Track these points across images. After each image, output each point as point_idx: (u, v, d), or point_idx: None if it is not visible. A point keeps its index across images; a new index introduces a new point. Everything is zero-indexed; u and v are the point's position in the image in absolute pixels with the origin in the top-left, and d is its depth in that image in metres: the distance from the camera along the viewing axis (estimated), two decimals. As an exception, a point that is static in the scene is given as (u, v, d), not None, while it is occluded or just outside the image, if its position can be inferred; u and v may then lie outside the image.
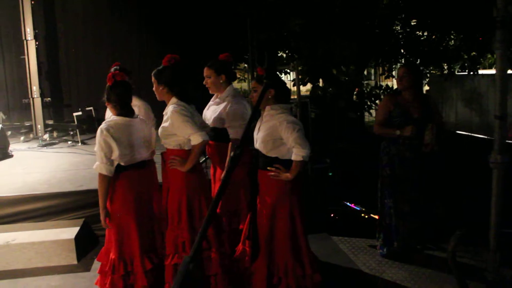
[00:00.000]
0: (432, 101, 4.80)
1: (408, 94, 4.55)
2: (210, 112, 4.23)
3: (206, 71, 4.16)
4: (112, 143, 3.49)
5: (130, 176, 3.63)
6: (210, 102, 4.33)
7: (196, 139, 3.51)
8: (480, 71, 11.78)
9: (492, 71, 15.05)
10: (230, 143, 4.03)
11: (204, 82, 4.19)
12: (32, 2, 9.60)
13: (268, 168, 3.52)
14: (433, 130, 4.35)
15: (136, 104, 4.26)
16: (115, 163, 3.54)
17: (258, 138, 3.59)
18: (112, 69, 4.25)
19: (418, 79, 4.68)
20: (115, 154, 3.50)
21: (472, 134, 12.28)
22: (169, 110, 3.61)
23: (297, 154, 3.40)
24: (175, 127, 3.55)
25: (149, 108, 4.71)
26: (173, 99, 3.67)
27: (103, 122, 3.58)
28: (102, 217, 3.58)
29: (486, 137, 11.03)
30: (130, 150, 3.58)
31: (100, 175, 3.50)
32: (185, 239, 3.65)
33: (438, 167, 4.80)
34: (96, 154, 3.51)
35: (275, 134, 3.48)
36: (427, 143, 4.38)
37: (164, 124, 3.63)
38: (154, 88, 3.77)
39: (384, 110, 4.65)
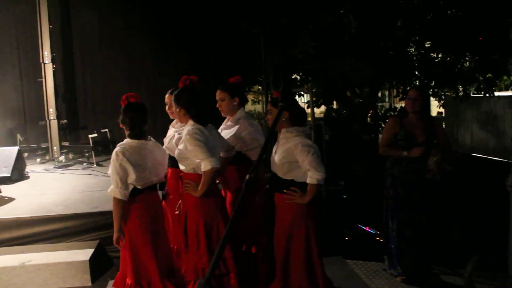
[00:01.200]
0: (438, 124, 4.76)
1: (415, 117, 4.51)
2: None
3: (219, 94, 4.10)
4: (128, 167, 3.49)
5: (146, 199, 3.64)
6: (222, 126, 4.26)
7: (205, 165, 3.43)
8: (496, 93, 11.73)
9: (509, 93, 15.00)
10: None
11: (217, 105, 4.14)
12: (50, 26, 9.77)
13: (285, 191, 3.51)
14: (437, 157, 4.30)
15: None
16: (131, 187, 3.53)
17: (274, 161, 3.59)
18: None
19: (427, 103, 4.66)
20: (132, 177, 3.50)
21: (488, 157, 12.16)
22: (183, 133, 3.61)
23: (311, 177, 3.39)
24: (188, 151, 3.53)
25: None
26: (190, 122, 3.64)
27: (118, 145, 3.58)
28: (115, 238, 3.57)
29: (502, 159, 10.92)
30: (146, 172, 3.57)
31: (115, 199, 3.49)
32: (205, 264, 3.59)
33: (442, 190, 4.74)
34: (111, 178, 3.50)
35: (290, 157, 3.47)
36: (431, 168, 4.33)
37: (180, 146, 3.63)
38: (174, 110, 3.77)
39: (389, 132, 4.61)
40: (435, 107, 17.32)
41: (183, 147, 3.54)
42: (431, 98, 12.93)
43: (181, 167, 3.69)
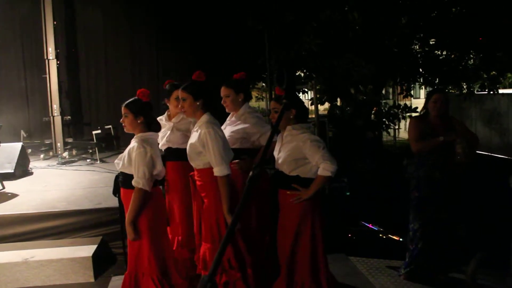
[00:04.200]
0: (457, 122, 4.73)
1: (439, 119, 4.51)
2: (227, 133, 4.15)
3: (225, 90, 4.04)
4: (155, 158, 3.50)
5: (158, 192, 3.67)
6: (227, 122, 4.22)
7: (216, 171, 3.45)
8: (500, 90, 11.68)
9: (513, 91, 14.90)
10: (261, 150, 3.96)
11: (222, 102, 4.10)
12: (54, 23, 9.79)
13: (288, 192, 3.50)
14: (463, 143, 4.30)
15: None
16: (154, 179, 3.54)
17: (280, 158, 3.56)
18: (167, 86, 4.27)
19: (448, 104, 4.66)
20: (158, 169, 3.52)
21: (492, 154, 12.14)
22: (203, 128, 3.53)
23: (325, 169, 3.35)
24: (205, 149, 3.49)
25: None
26: (206, 116, 3.60)
27: (139, 138, 3.54)
28: (132, 231, 3.49)
29: (506, 157, 10.90)
30: (161, 165, 3.60)
31: (140, 190, 3.43)
32: (230, 256, 3.59)
33: (463, 188, 4.73)
34: (135, 169, 3.43)
35: (297, 154, 3.46)
36: (458, 151, 4.32)
37: (193, 141, 3.58)
38: (187, 104, 3.65)
39: (418, 128, 4.57)
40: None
41: (200, 143, 3.50)
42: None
43: (194, 164, 3.66)
